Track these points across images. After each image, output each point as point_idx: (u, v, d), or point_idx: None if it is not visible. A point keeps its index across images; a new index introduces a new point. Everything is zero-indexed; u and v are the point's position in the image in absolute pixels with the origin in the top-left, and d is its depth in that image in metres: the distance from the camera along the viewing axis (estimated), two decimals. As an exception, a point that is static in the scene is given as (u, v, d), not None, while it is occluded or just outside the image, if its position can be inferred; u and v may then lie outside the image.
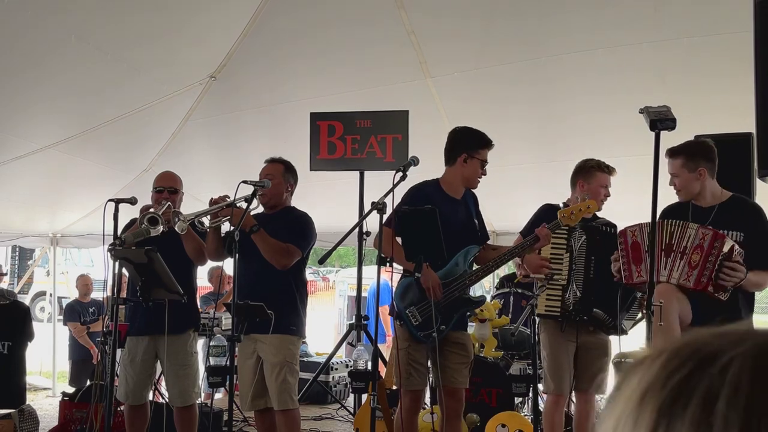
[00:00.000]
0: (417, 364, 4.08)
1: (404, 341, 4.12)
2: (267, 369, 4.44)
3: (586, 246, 4.29)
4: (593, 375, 4.44)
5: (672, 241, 3.63)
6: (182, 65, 6.22)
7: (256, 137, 7.24)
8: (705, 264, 3.50)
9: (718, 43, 5.05)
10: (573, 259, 4.26)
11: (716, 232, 3.53)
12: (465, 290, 4.11)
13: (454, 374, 4.18)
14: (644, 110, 3.11)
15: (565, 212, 4.09)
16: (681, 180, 3.78)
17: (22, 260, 18.36)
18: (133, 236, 4.26)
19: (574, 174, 4.57)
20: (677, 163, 3.78)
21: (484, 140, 4.26)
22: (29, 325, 5.48)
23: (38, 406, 7.08)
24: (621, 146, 5.97)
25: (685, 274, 3.56)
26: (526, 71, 5.86)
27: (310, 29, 5.92)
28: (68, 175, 7.42)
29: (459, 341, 4.19)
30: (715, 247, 3.49)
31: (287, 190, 4.67)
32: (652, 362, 0.62)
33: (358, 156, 6.32)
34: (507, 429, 5.48)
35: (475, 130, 4.28)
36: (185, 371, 4.67)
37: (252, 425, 6.44)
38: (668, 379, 0.59)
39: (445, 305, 4.04)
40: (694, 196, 3.81)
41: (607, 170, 4.52)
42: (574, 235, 4.30)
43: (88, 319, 8.24)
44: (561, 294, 4.27)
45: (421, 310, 4.04)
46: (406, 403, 4.19)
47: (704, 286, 3.51)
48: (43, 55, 5.33)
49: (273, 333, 4.30)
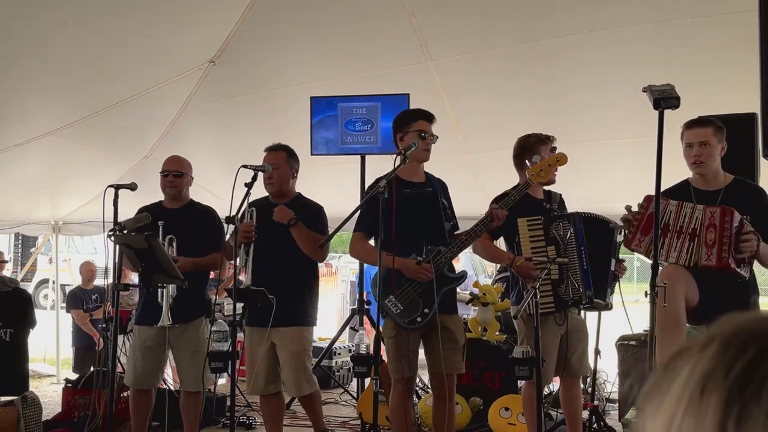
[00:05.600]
0: (407, 352, 4.02)
1: (391, 330, 4.06)
2: (283, 357, 4.50)
3: (575, 237, 4.20)
4: (579, 357, 4.44)
5: (682, 223, 3.59)
6: (181, 50, 6.18)
7: (256, 122, 7.21)
8: (722, 240, 3.47)
9: (721, 22, 5.00)
10: (560, 253, 4.15)
11: (724, 208, 3.49)
12: (442, 269, 4.02)
13: (445, 360, 4.11)
14: (647, 89, 3.07)
15: (533, 170, 4.01)
16: (710, 149, 3.64)
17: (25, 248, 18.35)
18: (134, 222, 4.26)
19: (518, 155, 4.47)
20: (708, 132, 3.65)
21: (412, 113, 4.25)
22: (31, 312, 5.48)
23: (42, 393, 7.10)
24: (624, 126, 5.94)
25: (704, 254, 3.52)
26: (527, 54, 5.82)
27: (309, 13, 5.87)
28: (69, 161, 7.40)
29: (447, 326, 4.09)
30: (726, 222, 3.46)
31: (293, 176, 4.68)
32: (701, 352, 0.58)
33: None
34: (510, 412, 5.48)
35: (405, 110, 4.30)
36: (199, 357, 4.66)
37: (255, 410, 6.46)
38: (730, 366, 0.55)
39: (425, 287, 3.98)
40: (711, 171, 3.72)
41: (549, 141, 4.43)
42: (558, 226, 4.21)
43: (91, 306, 8.24)
44: (552, 289, 4.19)
45: (400, 297, 3.98)
46: (399, 389, 4.16)
47: (726, 262, 3.47)
48: (41, 40, 5.29)
49: (292, 325, 4.44)
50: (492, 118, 6.28)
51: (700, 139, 3.65)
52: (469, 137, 6.54)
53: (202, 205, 5.01)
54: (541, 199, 4.35)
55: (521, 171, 4.49)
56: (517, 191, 4.06)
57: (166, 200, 4.90)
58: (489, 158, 5.93)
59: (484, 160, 5.89)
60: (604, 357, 5.79)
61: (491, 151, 5.83)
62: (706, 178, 3.75)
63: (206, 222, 4.90)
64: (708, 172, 3.73)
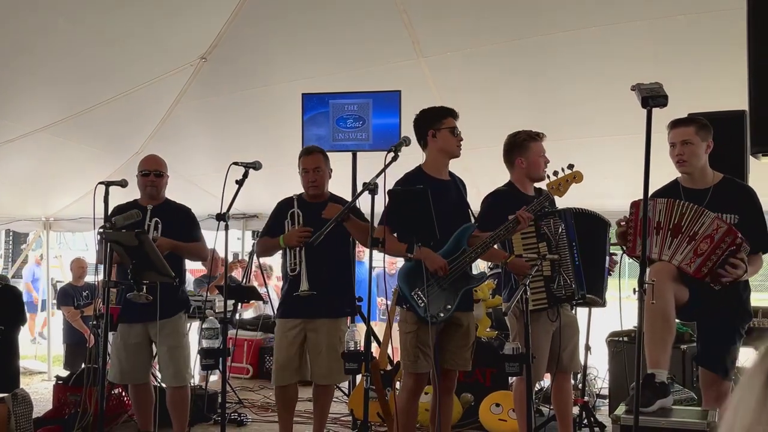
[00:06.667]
0: (425, 347, 4.05)
1: (412, 324, 4.11)
2: (317, 347, 4.62)
3: (566, 233, 4.21)
4: (570, 353, 4.47)
5: (682, 223, 3.58)
6: (173, 47, 6.16)
7: (247, 119, 7.20)
8: (711, 255, 3.48)
9: (711, 20, 5.02)
10: (551, 249, 4.16)
11: (731, 228, 3.49)
12: (466, 268, 4.08)
13: (454, 356, 4.22)
14: (636, 87, 3.08)
15: (553, 184, 4.06)
16: (693, 148, 3.68)
17: (15, 244, 18.29)
18: (124, 219, 4.26)
19: (508, 152, 4.51)
20: (690, 131, 3.69)
21: (442, 111, 4.29)
22: (22, 309, 5.48)
23: (34, 390, 7.09)
24: (616, 123, 5.95)
25: (688, 258, 3.54)
26: (519, 51, 5.82)
27: (300, 10, 5.86)
28: (60, 158, 7.38)
29: (462, 323, 4.19)
30: (725, 242, 3.47)
31: (329, 176, 4.83)
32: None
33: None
34: (501, 408, 5.50)
35: (432, 107, 4.32)
36: (179, 352, 4.82)
37: (246, 407, 6.47)
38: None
39: (449, 284, 4.03)
40: (695, 170, 3.75)
41: (539, 137, 4.47)
42: (549, 222, 4.22)
43: (82, 302, 8.23)
44: (544, 285, 4.20)
45: (425, 292, 4.01)
46: (410, 385, 4.20)
47: (703, 275, 3.51)
48: (32, 37, 5.28)
49: (332, 317, 4.62)
50: (484, 115, 6.27)
51: (683, 138, 3.69)
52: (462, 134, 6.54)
53: (177, 203, 5.10)
54: (533, 196, 4.37)
55: (511, 168, 4.51)
56: (543, 198, 4.10)
57: (143, 199, 4.96)
58: (481, 155, 5.93)
59: (476, 157, 5.89)
60: (595, 353, 5.81)
61: (483, 148, 5.83)
62: (693, 177, 3.76)
63: (183, 217, 4.99)
64: (693, 171, 3.75)
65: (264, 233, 4.92)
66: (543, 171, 4.39)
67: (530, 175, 4.46)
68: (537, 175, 4.44)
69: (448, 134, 4.21)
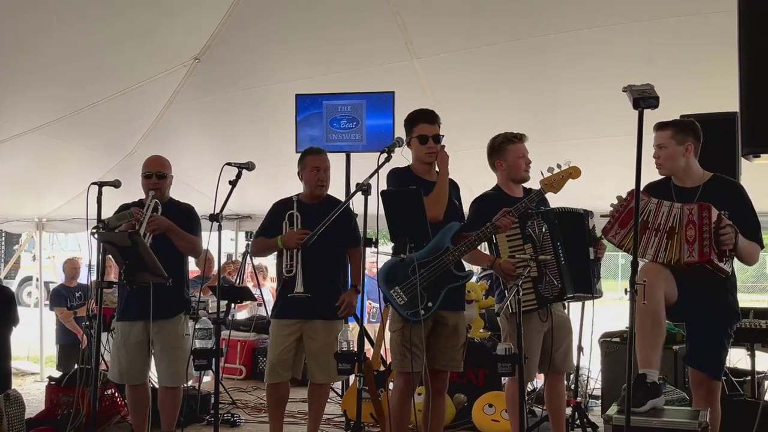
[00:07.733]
0: (411, 346, 4.03)
1: (398, 323, 4.13)
2: (314, 348, 4.63)
3: (550, 233, 4.21)
4: (563, 354, 4.48)
5: (660, 221, 3.64)
6: (166, 47, 6.15)
7: (241, 119, 7.20)
8: (702, 236, 3.52)
9: (703, 22, 5.03)
10: (537, 250, 4.16)
11: (701, 204, 3.56)
12: (449, 266, 4.06)
13: (443, 356, 4.21)
14: (627, 89, 3.10)
15: (547, 180, 4.08)
16: (667, 152, 3.76)
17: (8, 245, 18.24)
18: (117, 219, 4.26)
19: (489, 156, 4.55)
20: (666, 135, 3.76)
21: (415, 117, 4.31)
22: (14, 309, 5.45)
23: (26, 391, 7.08)
24: (610, 124, 5.97)
25: (686, 251, 3.56)
26: (512, 52, 5.82)
27: (294, 10, 5.85)
28: (53, 159, 7.36)
29: (448, 322, 4.18)
30: (705, 217, 3.51)
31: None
32: None
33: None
34: (494, 409, 5.52)
35: (411, 112, 4.33)
36: (177, 353, 4.80)
37: (240, 407, 6.47)
38: None
39: (431, 281, 4.03)
40: (676, 171, 3.80)
41: (518, 139, 4.48)
42: (533, 223, 4.22)
43: (75, 303, 8.21)
44: (533, 286, 4.20)
45: (405, 289, 4.02)
46: (400, 385, 4.20)
47: (708, 256, 3.52)
48: (25, 38, 5.26)
49: (330, 319, 4.63)
50: (477, 116, 6.29)
51: (658, 142, 3.80)
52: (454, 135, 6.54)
53: (182, 202, 5.08)
54: (520, 198, 4.37)
55: (495, 171, 4.54)
56: (528, 200, 4.12)
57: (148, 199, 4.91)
58: (474, 156, 5.93)
59: (469, 159, 5.89)
60: (587, 353, 5.83)
61: (476, 150, 5.83)
62: (679, 177, 3.82)
63: (185, 215, 4.98)
64: (671, 173, 3.82)
65: (259, 233, 4.92)
66: (524, 172, 4.43)
67: (511, 176, 4.48)
68: (518, 177, 4.46)
69: (416, 143, 4.26)
